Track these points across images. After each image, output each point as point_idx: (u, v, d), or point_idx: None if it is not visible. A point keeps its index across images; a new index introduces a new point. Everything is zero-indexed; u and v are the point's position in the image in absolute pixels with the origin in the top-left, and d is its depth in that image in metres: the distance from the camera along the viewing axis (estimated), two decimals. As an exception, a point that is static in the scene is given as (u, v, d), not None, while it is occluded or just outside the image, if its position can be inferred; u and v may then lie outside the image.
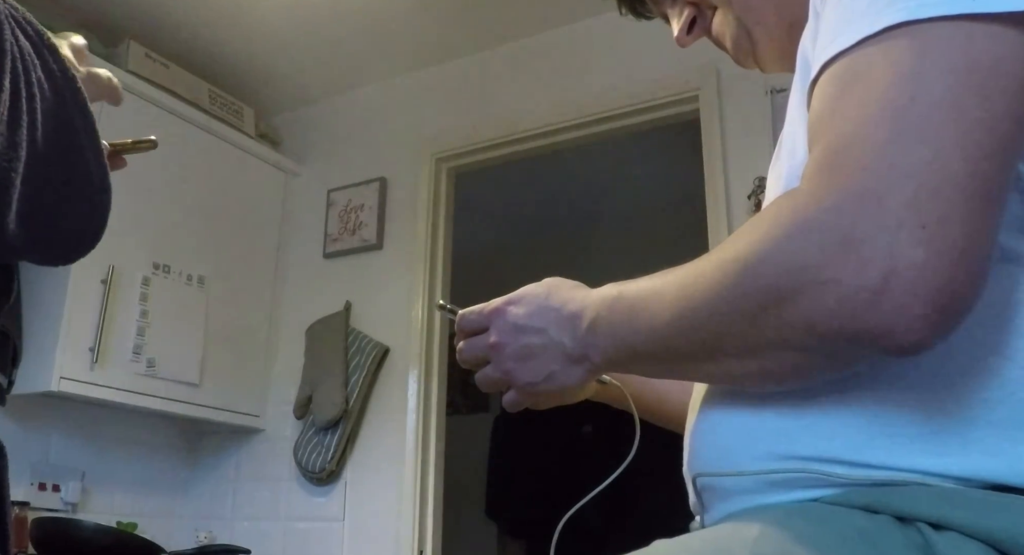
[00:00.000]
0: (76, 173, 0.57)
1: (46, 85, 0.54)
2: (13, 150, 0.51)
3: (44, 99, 0.53)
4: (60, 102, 0.55)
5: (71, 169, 0.57)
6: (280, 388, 2.83)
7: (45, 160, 0.53)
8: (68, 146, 0.56)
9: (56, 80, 0.55)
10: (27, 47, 0.53)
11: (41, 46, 0.55)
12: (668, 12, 0.87)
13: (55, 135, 0.54)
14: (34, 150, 0.52)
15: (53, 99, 0.55)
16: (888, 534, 0.51)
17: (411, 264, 2.74)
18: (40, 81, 0.53)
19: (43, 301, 2.27)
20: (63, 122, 0.55)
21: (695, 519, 0.69)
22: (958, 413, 0.54)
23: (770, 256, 0.52)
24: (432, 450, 2.57)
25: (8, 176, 0.51)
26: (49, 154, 0.54)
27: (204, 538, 2.67)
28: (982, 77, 0.49)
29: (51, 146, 0.54)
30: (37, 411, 2.43)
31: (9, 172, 0.51)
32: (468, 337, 0.77)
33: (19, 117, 0.51)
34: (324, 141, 3.12)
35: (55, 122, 0.54)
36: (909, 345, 0.48)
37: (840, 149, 0.51)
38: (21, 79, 0.51)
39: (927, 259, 0.46)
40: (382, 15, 2.68)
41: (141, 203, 2.44)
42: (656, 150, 3.31)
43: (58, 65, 0.56)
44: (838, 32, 0.54)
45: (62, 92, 0.56)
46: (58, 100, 0.55)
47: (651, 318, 0.61)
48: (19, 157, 0.51)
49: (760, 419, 0.60)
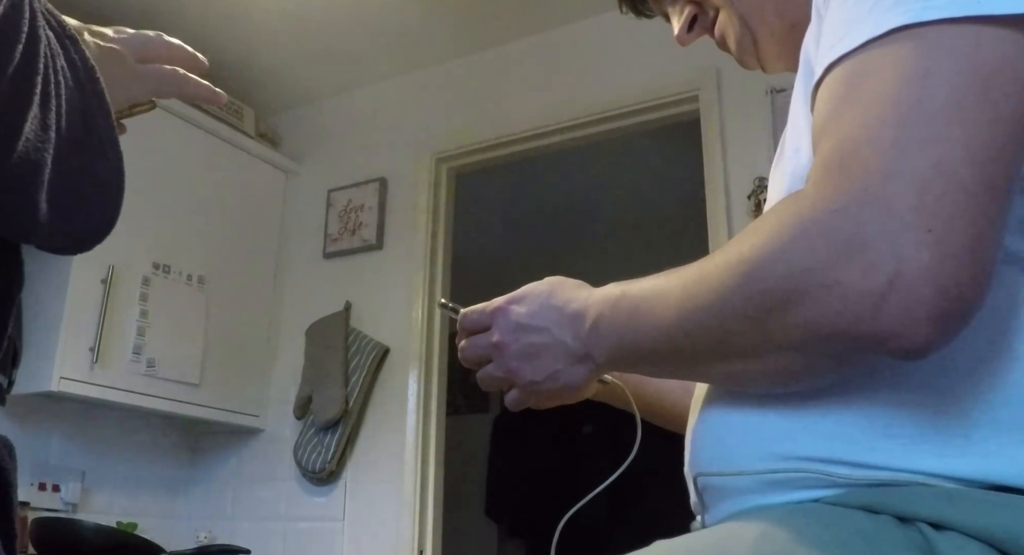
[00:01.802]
0: (95, 159, 0.59)
1: (68, 74, 0.56)
2: (45, 132, 0.53)
3: (68, 87, 0.55)
4: (81, 91, 0.57)
5: (90, 155, 0.58)
6: (280, 388, 2.83)
7: (69, 144, 0.55)
8: (88, 132, 0.58)
9: (77, 69, 0.57)
10: (51, 37, 0.55)
11: (63, 37, 0.57)
12: (669, 10, 0.87)
13: (77, 122, 0.56)
14: (60, 134, 0.54)
15: (75, 88, 0.56)
16: (889, 534, 0.51)
17: (411, 264, 2.74)
18: (64, 69, 0.55)
19: (43, 301, 2.27)
20: (83, 109, 0.57)
21: (695, 519, 0.69)
22: (959, 414, 0.54)
23: (775, 258, 0.52)
24: (432, 450, 2.56)
25: (42, 157, 0.53)
26: (72, 139, 0.56)
27: (204, 538, 2.67)
28: (987, 80, 0.49)
29: (74, 131, 0.56)
30: (37, 411, 2.43)
31: (43, 153, 0.53)
32: (470, 336, 0.77)
33: (49, 101, 0.53)
34: (324, 141, 3.12)
35: (76, 109, 0.56)
36: (914, 348, 0.48)
37: (845, 152, 0.51)
38: (50, 66, 0.54)
39: (932, 262, 0.46)
40: (382, 15, 2.68)
41: (141, 203, 2.43)
42: (656, 150, 3.30)
43: (79, 55, 0.58)
44: (842, 34, 0.54)
45: (83, 81, 0.57)
46: (79, 89, 0.57)
47: (654, 318, 0.61)
48: (50, 139, 0.53)
49: (761, 419, 0.60)
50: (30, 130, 0.51)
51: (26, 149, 0.51)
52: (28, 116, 0.51)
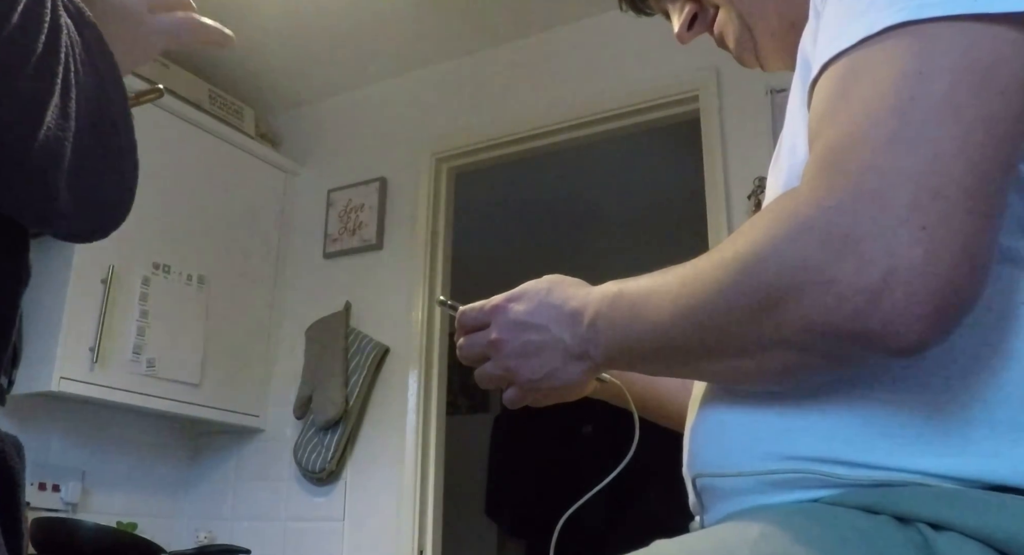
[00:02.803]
0: (111, 145, 0.60)
1: (86, 60, 0.57)
2: (65, 120, 0.54)
3: (86, 72, 0.56)
4: (98, 78, 0.58)
5: (107, 141, 0.59)
6: (280, 388, 2.83)
7: (87, 133, 0.56)
8: (104, 119, 0.58)
9: (94, 56, 0.58)
10: (70, 24, 0.56)
11: (82, 24, 0.57)
12: (669, 8, 0.87)
13: (95, 110, 0.57)
14: (79, 122, 0.55)
15: (93, 76, 0.57)
16: (888, 534, 0.51)
17: (411, 264, 2.74)
18: (81, 56, 0.56)
19: (43, 301, 2.27)
20: (101, 96, 0.58)
21: (695, 519, 0.69)
22: (958, 414, 0.53)
23: (770, 255, 0.52)
24: (432, 450, 2.56)
25: (62, 145, 0.54)
26: (90, 126, 0.57)
27: (204, 538, 2.67)
28: (983, 77, 0.49)
29: (92, 118, 0.57)
30: (37, 411, 2.43)
31: (63, 141, 0.54)
32: (469, 333, 0.77)
33: (70, 90, 0.54)
34: (324, 141, 3.12)
35: (94, 98, 0.57)
36: (908, 345, 0.48)
37: (841, 149, 0.51)
38: (71, 55, 0.54)
39: (927, 259, 0.46)
40: (382, 15, 2.68)
41: (141, 203, 2.39)
42: (656, 150, 3.30)
43: (96, 42, 0.58)
44: (839, 32, 0.54)
45: (100, 70, 0.58)
46: (97, 77, 0.58)
47: (652, 316, 0.61)
48: (70, 127, 0.54)
49: (760, 419, 0.60)
50: (51, 119, 0.52)
51: (47, 138, 0.52)
52: (50, 105, 0.52)
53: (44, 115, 0.52)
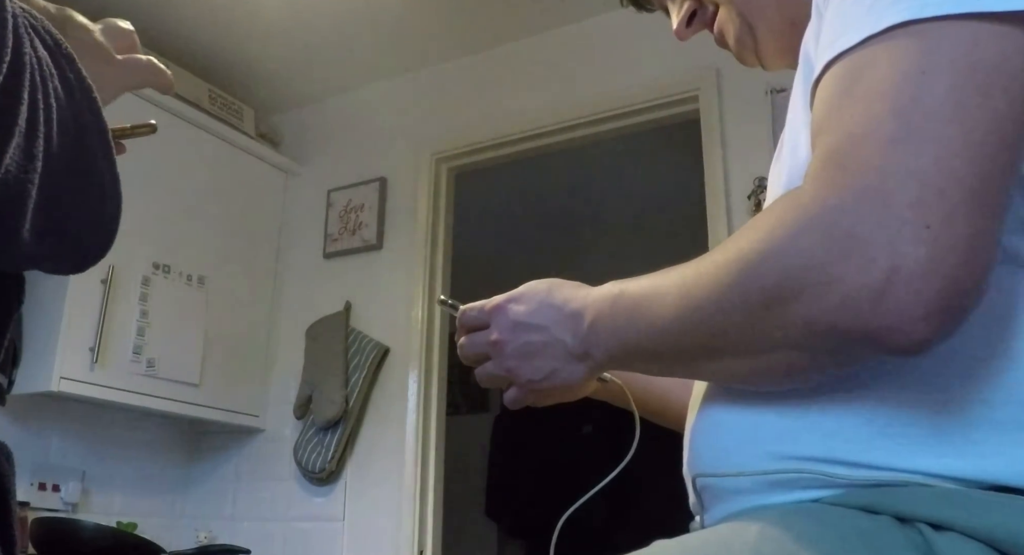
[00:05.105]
0: (89, 182, 0.58)
1: (62, 94, 0.54)
2: (30, 161, 0.51)
3: (60, 108, 0.54)
4: (76, 112, 0.56)
5: (84, 178, 0.57)
6: (280, 388, 2.83)
7: (60, 170, 0.54)
8: (82, 156, 0.56)
9: (72, 90, 0.56)
10: (45, 57, 0.53)
11: (59, 56, 0.55)
12: (668, 4, 0.87)
13: (71, 145, 0.55)
14: (49, 160, 0.53)
15: (69, 109, 0.55)
16: (888, 534, 0.51)
17: (411, 264, 2.74)
18: (57, 91, 0.54)
19: (43, 301, 2.27)
20: (78, 132, 0.56)
21: (695, 519, 0.69)
22: (959, 414, 0.53)
23: (773, 254, 0.52)
24: (432, 450, 2.56)
25: (25, 187, 0.51)
26: (64, 164, 0.54)
27: (204, 538, 2.67)
28: (986, 76, 0.49)
29: (66, 156, 0.55)
30: (37, 411, 2.43)
31: (26, 183, 0.51)
32: (469, 333, 0.77)
33: (36, 128, 0.52)
34: (324, 141, 3.12)
35: (70, 132, 0.55)
36: (911, 345, 0.48)
37: (844, 148, 0.51)
38: (39, 90, 0.52)
39: (930, 259, 0.46)
40: (382, 15, 2.68)
41: (141, 203, 2.43)
42: (656, 150, 3.30)
43: (75, 74, 0.56)
44: (841, 31, 0.54)
45: (79, 102, 0.56)
46: (74, 110, 0.56)
47: (653, 316, 0.61)
48: (35, 168, 0.52)
49: (760, 419, 0.60)
50: (11, 161, 0.50)
51: (6, 181, 0.50)
52: (9, 147, 0.50)
53: (1, 158, 0.49)
